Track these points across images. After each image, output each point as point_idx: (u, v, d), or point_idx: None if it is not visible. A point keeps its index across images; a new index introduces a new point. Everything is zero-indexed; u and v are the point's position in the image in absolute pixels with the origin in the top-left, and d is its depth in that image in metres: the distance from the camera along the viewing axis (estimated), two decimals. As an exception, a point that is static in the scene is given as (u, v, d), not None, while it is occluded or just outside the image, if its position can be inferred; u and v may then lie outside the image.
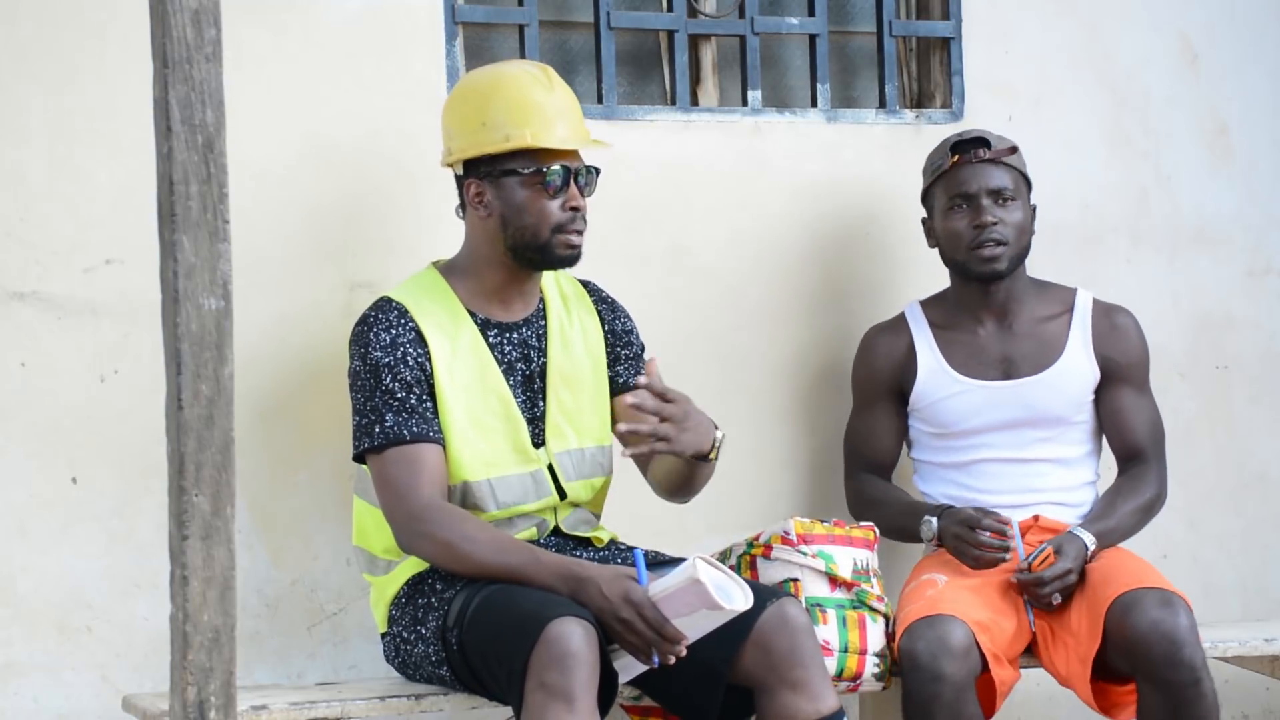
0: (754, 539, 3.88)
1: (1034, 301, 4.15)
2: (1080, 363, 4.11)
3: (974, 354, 4.12)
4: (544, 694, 3.30)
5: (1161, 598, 3.74)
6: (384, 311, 3.65)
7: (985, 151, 4.08)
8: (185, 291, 2.73)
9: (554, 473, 3.73)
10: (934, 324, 4.17)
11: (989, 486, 4.09)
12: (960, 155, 4.10)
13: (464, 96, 3.71)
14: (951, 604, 3.80)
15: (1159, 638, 3.69)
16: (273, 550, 3.98)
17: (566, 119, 3.67)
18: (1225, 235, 4.76)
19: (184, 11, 2.72)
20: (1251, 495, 4.80)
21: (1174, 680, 3.69)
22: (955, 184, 4.10)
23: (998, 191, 4.07)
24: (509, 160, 3.65)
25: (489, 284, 3.73)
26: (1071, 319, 4.15)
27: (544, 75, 3.69)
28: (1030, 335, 4.13)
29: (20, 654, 3.82)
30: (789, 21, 4.46)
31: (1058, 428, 4.11)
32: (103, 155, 3.86)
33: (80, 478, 3.85)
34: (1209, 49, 4.74)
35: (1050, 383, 4.09)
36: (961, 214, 4.08)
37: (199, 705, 2.75)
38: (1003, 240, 4.05)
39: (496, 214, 3.67)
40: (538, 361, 3.75)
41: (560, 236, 3.66)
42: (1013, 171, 4.10)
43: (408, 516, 3.56)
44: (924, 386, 4.12)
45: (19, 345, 3.82)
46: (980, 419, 4.09)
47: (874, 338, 4.21)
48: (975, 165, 4.08)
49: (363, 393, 3.62)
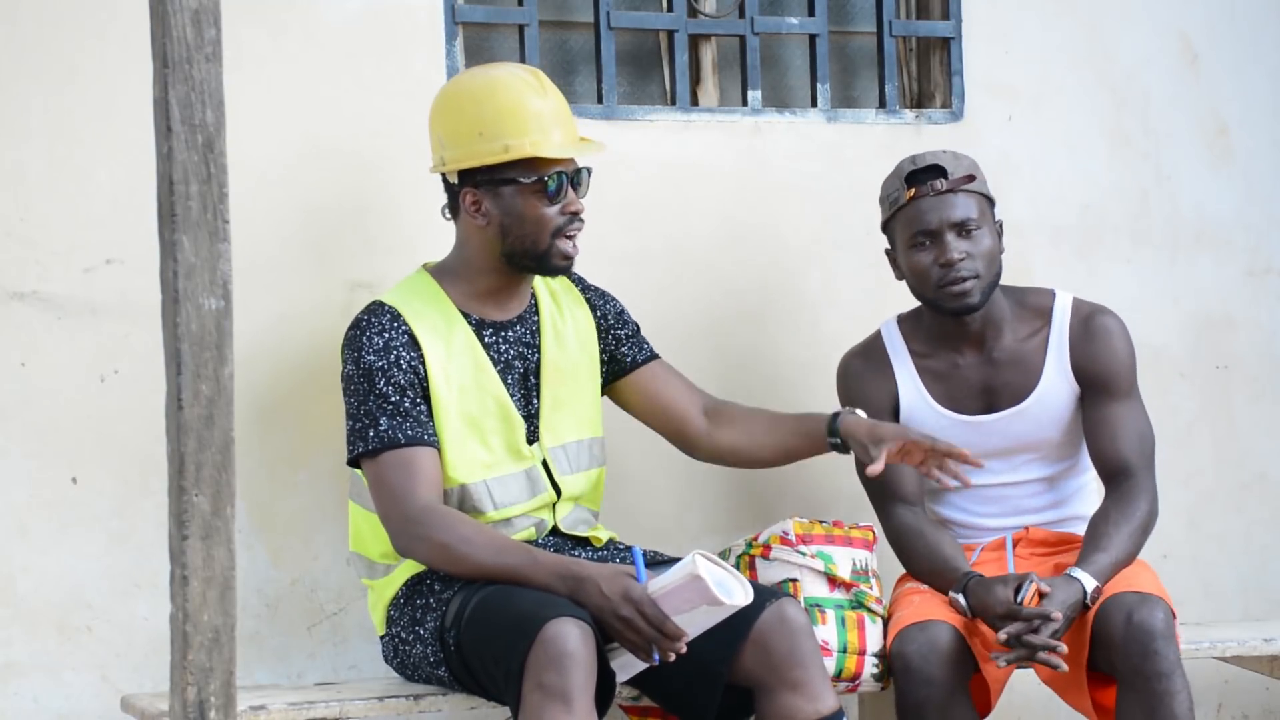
0: (753, 539, 3.88)
1: (1012, 322, 3.97)
2: (1057, 386, 3.96)
3: (954, 385, 3.97)
4: (541, 694, 3.31)
5: (1139, 597, 3.73)
6: (376, 315, 3.65)
7: (942, 182, 3.87)
8: (185, 291, 2.73)
9: (549, 469, 3.73)
10: (914, 352, 4.00)
11: (984, 510, 4.03)
12: (916, 188, 3.89)
13: (457, 104, 3.68)
14: (941, 607, 3.79)
15: (1134, 632, 3.68)
16: (273, 550, 3.98)
17: (562, 125, 3.66)
18: (1225, 235, 4.76)
19: (184, 11, 2.72)
20: (1251, 495, 4.80)
21: (1146, 673, 3.67)
22: (915, 219, 3.88)
23: (960, 224, 3.86)
24: (508, 170, 3.64)
25: (481, 286, 3.73)
26: (1049, 334, 3.97)
27: (536, 80, 3.67)
28: (1009, 362, 3.96)
29: (20, 654, 3.82)
30: (789, 21, 4.46)
31: (1045, 447, 4.01)
32: (103, 155, 3.86)
33: (80, 478, 3.85)
34: (1209, 49, 4.74)
35: (1029, 412, 3.96)
36: (925, 250, 3.88)
37: (199, 705, 2.75)
38: (972, 274, 3.86)
39: (495, 222, 3.66)
40: (533, 358, 3.75)
41: (558, 244, 3.66)
42: (974, 197, 3.90)
43: (404, 520, 3.56)
44: (907, 417, 3.99)
45: (19, 345, 3.82)
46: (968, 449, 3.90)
47: (853, 367, 4.05)
48: (933, 198, 3.87)
49: (356, 397, 3.62)
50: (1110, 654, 3.72)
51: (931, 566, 3.86)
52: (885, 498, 3.96)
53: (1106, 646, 3.72)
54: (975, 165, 3.95)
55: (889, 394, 4.00)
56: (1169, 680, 3.66)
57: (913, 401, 3.99)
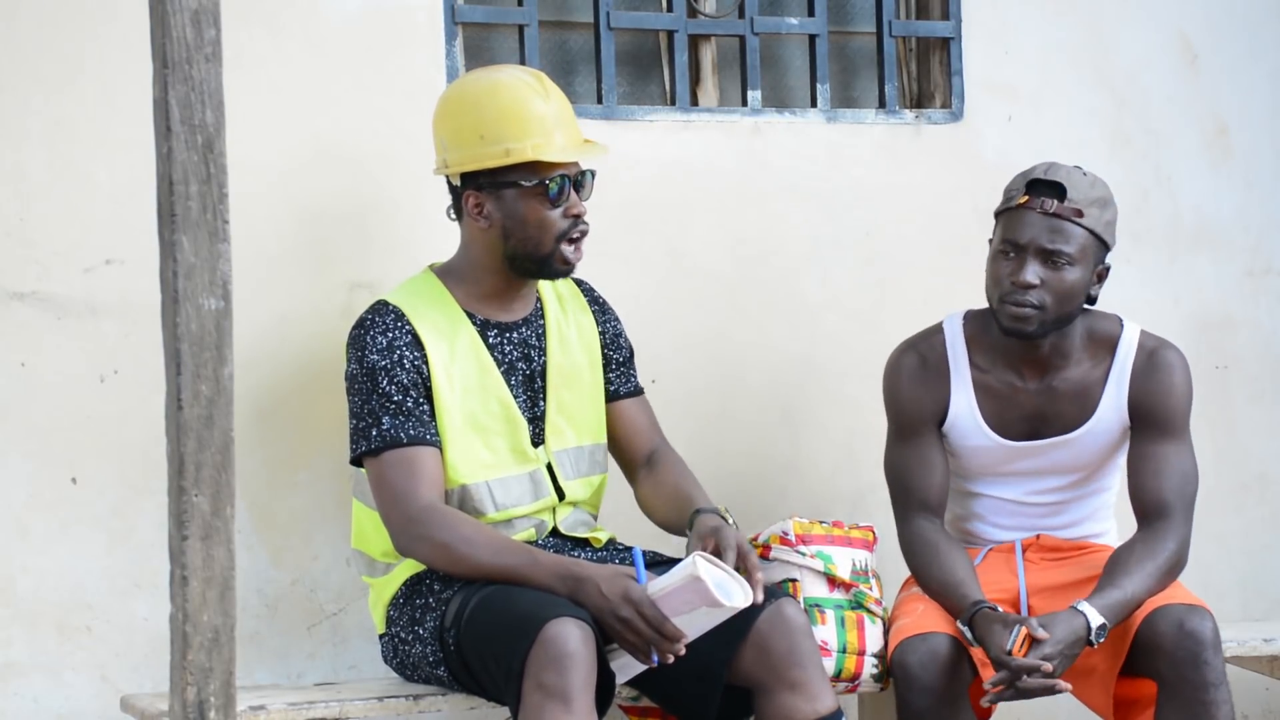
0: (753, 539, 3.88)
1: (1079, 353, 3.85)
2: (1109, 420, 3.86)
3: (1008, 408, 3.86)
4: (541, 694, 3.31)
5: (1188, 608, 3.70)
6: (380, 315, 3.65)
7: (1053, 204, 3.73)
8: (185, 291, 2.73)
9: (553, 473, 3.73)
10: (974, 365, 3.87)
11: (1000, 521, 3.99)
12: (1030, 196, 3.76)
13: (459, 107, 3.68)
14: (943, 618, 3.77)
15: (1185, 641, 3.65)
16: (273, 550, 3.98)
17: (564, 128, 3.65)
18: (1225, 235, 4.76)
19: (184, 11, 2.72)
20: (1251, 495, 4.80)
21: (1195, 682, 3.64)
22: (1011, 227, 3.76)
23: (1050, 252, 3.72)
24: (509, 173, 3.63)
25: (486, 288, 3.73)
26: (1111, 367, 3.85)
27: (539, 83, 3.67)
28: (1068, 393, 3.85)
29: (20, 654, 3.82)
30: (789, 21, 4.46)
31: (1078, 473, 3.95)
32: (103, 155, 3.86)
33: (80, 478, 3.85)
34: (1209, 49, 4.74)
35: (1075, 444, 3.88)
36: (1007, 261, 3.76)
37: (199, 705, 2.75)
38: (1037, 305, 3.73)
39: (498, 225, 3.66)
40: (538, 361, 3.75)
41: (562, 249, 3.66)
42: (1081, 232, 3.74)
43: (405, 519, 3.56)
44: (950, 426, 3.90)
45: (19, 345, 3.82)
46: (1000, 469, 3.93)
47: (907, 368, 3.91)
48: (1038, 215, 3.74)
49: (359, 396, 3.62)
50: (1156, 661, 3.69)
51: (943, 589, 3.79)
52: (907, 504, 3.89)
53: (1152, 653, 3.69)
54: (1105, 201, 3.80)
55: (939, 404, 3.89)
56: (1216, 691, 3.64)
57: (961, 416, 3.89)
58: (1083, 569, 3.90)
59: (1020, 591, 3.88)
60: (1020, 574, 3.90)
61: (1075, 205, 3.75)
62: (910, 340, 3.96)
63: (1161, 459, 3.83)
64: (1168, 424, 3.85)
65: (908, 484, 3.89)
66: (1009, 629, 3.61)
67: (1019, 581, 3.89)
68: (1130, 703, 3.82)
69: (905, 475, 3.90)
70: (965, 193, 4.51)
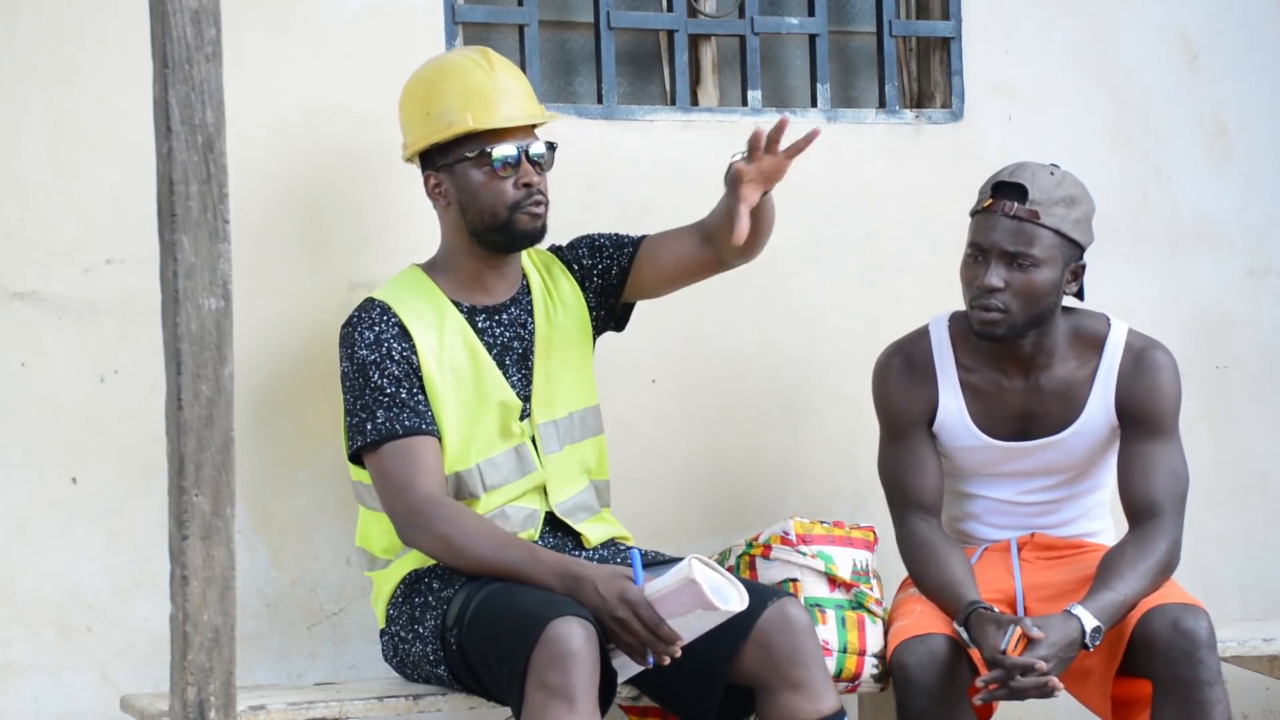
0: (753, 539, 3.88)
1: (1064, 351, 3.86)
2: (1097, 420, 3.86)
3: (995, 408, 3.87)
4: (545, 694, 3.31)
5: (1184, 607, 3.71)
6: (367, 311, 3.68)
7: (1013, 206, 3.73)
8: (185, 291, 2.73)
9: (536, 446, 3.73)
10: (960, 365, 3.88)
11: (995, 520, 3.99)
12: (994, 199, 3.77)
13: (410, 91, 3.76)
14: (941, 619, 3.77)
15: (1179, 640, 3.65)
16: (273, 550, 3.98)
17: (510, 98, 3.69)
18: (1225, 235, 4.76)
19: (184, 11, 2.72)
20: (1251, 495, 4.80)
21: (1189, 681, 3.64)
22: (976, 229, 3.78)
23: (1012, 255, 3.72)
24: (457, 147, 3.69)
25: (467, 273, 3.75)
26: (1098, 367, 3.86)
27: (483, 58, 3.73)
28: (1054, 392, 3.85)
29: (20, 654, 3.82)
30: (789, 21, 4.46)
31: (1068, 473, 3.95)
32: (103, 155, 3.86)
33: (80, 478, 3.85)
34: (1209, 49, 4.74)
35: (1064, 444, 3.88)
36: (974, 264, 3.78)
37: (199, 705, 2.75)
38: (1001, 308, 3.74)
39: (455, 202, 3.71)
40: (529, 338, 3.76)
41: (517, 217, 3.67)
42: (1046, 233, 3.74)
43: (407, 511, 3.57)
44: (940, 426, 3.91)
45: (19, 345, 3.82)
46: (991, 470, 3.94)
47: (894, 370, 3.92)
48: (1000, 217, 3.74)
49: (353, 393, 3.63)
50: (1152, 661, 3.69)
51: (939, 590, 3.79)
52: (903, 506, 3.89)
53: (1147, 653, 3.69)
54: (1072, 199, 3.78)
55: (927, 405, 3.90)
56: (1211, 689, 3.64)
57: (950, 416, 3.90)
58: (1078, 569, 3.90)
59: (1016, 591, 3.89)
60: (1016, 574, 3.90)
61: (1035, 207, 3.74)
62: (897, 342, 3.98)
63: (1151, 459, 3.83)
64: (1156, 424, 3.85)
65: (902, 485, 3.89)
66: (1003, 629, 3.62)
67: (1015, 581, 3.90)
68: (1128, 703, 3.82)
69: (899, 477, 3.90)
70: (965, 193, 4.49)
